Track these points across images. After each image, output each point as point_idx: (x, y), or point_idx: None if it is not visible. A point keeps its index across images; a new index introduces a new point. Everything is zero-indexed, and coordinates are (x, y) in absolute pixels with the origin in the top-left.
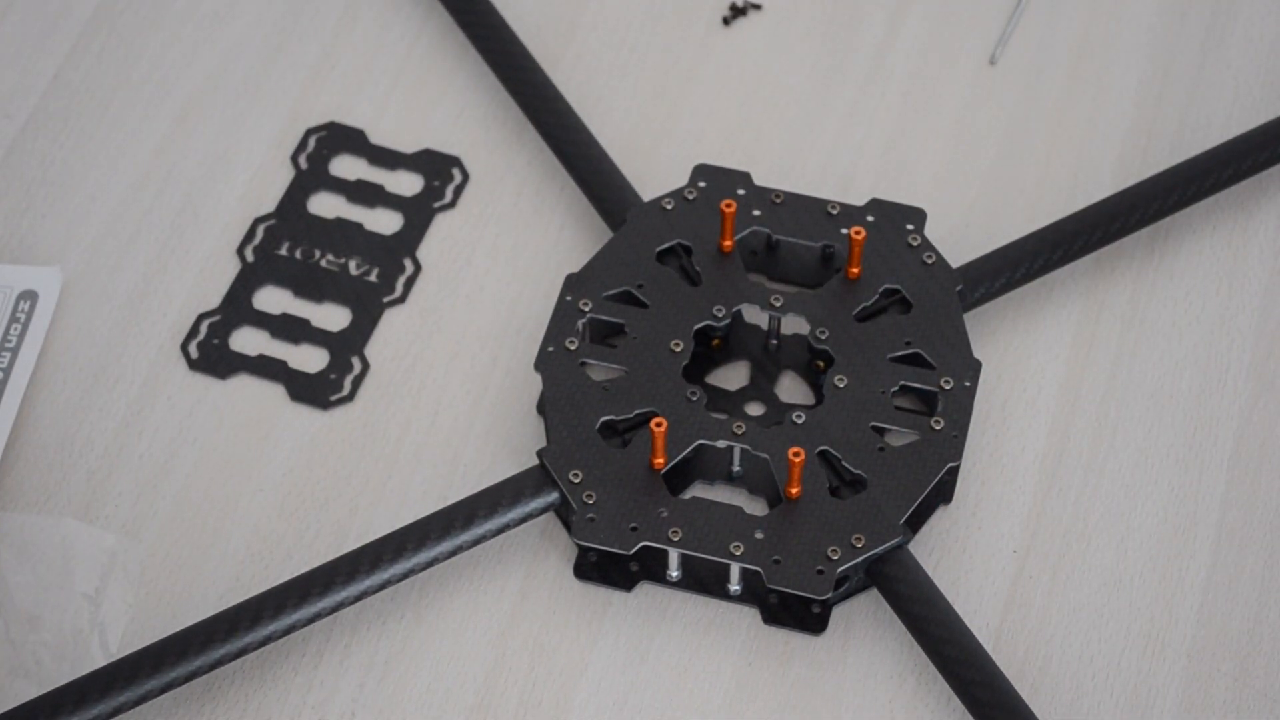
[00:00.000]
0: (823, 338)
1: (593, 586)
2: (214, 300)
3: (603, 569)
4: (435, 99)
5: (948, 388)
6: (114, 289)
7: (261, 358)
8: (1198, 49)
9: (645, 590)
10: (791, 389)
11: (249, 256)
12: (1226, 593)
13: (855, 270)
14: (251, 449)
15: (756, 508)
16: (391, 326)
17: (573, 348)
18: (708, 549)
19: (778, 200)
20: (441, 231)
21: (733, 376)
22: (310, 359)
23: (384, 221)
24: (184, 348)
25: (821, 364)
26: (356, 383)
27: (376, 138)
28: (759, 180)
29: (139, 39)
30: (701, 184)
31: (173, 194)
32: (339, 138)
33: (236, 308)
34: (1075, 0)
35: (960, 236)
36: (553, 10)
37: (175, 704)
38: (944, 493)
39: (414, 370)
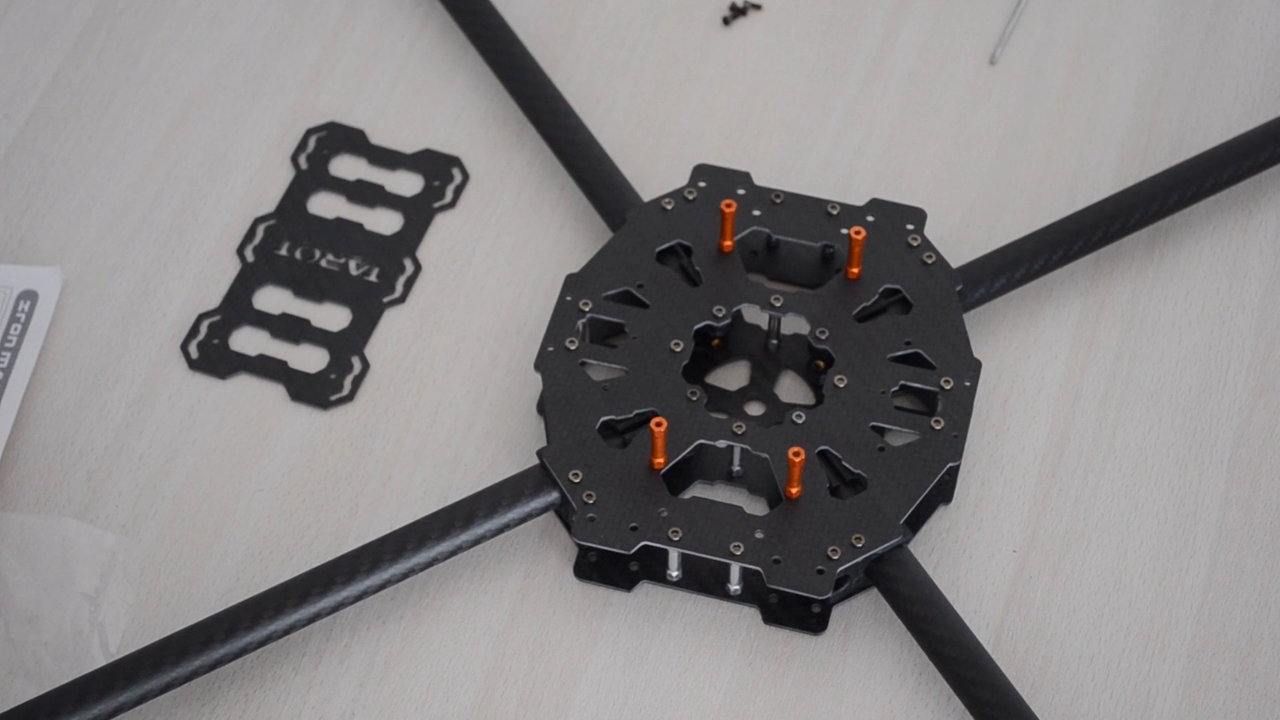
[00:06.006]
0: (823, 338)
1: (593, 586)
2: (214, 300)
3: (603, 569)
4: (435, 99)
5: (948, 388)
6: (114, 289)
7: (261, 358)
8: (1198, 49)
9: (645, 590)
10: (791, 389)
11: (249, 256)
12: (1226, 593)
13: (855, 270)
14: (251, 449)
15: (756, 508)
16: (391, 326)
17: (573, 348)
18: (708, 549)
19: (778, 200)
20: (441, 231)
21: (733, 376)
22: (310, 359)
23: (384, 221)
24: (184, 348)
25: (821, 364)
26: (356, 383)
27: (376, 138)
28: (759, 180)
29: (139, 39)
30: (701, 184)
31: (173, 194)
32: (339, 138)
33: (236, 308)
34: (1075, 0)
35: (960, 236)
36: (553, 10)
37: (175, 704)
38: (944, 493)
39: (414, 370)
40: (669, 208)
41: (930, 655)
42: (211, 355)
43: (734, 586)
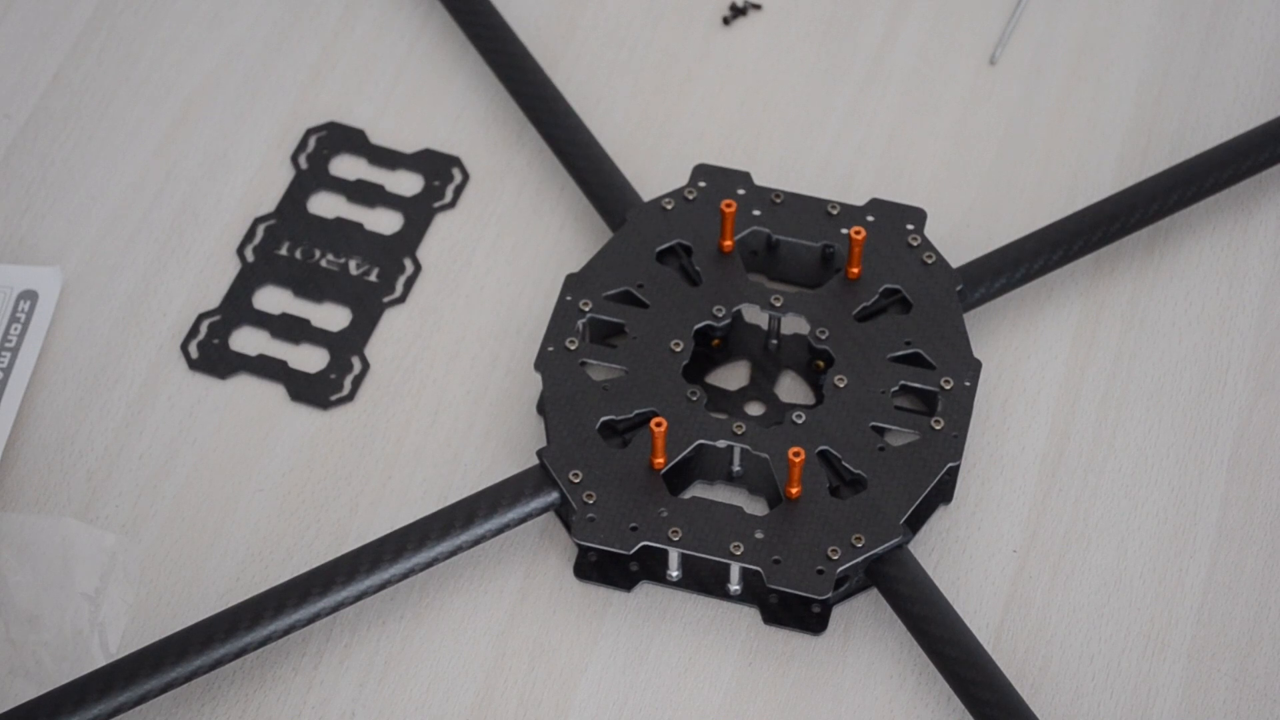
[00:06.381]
0: (823, 338)
1: (593, 586)
2: (214, 300)
3: (603, 569)
4: (435, 99)
5: (948, 388)
6: (114, 289)
7: (261, 358)
8: (1198, 49)
9: (645, 590)
10: (791, 389)
11: (249, 256)
12: (1226, 593)
13: (855, 270)
14: (251, 449)
15: (756, 508)
16: (391, 326)
17: (573, 348)
18: (708, 549)
19: (778, 200)
20: (441, 231)
21: (733, 376)
22: (310, 359)
23: (384, 221)
24: (184, 348)
25: (821, 364)
26: (356, 383)
27: (376, 138)
28: (759, 180)
29: (139, 39)
30: (701, 184)
31: (173, 194)
32: (339, 138)
33: (236, 308)
34: (1075, 0)
35: (960, 236)
36: (553, 10)
37: (175, 704)
38: (944, 493)
39: (414, 370)
40: (669, 208)
41: (930, 655)
42: (211, 355)
43: (734, 586)
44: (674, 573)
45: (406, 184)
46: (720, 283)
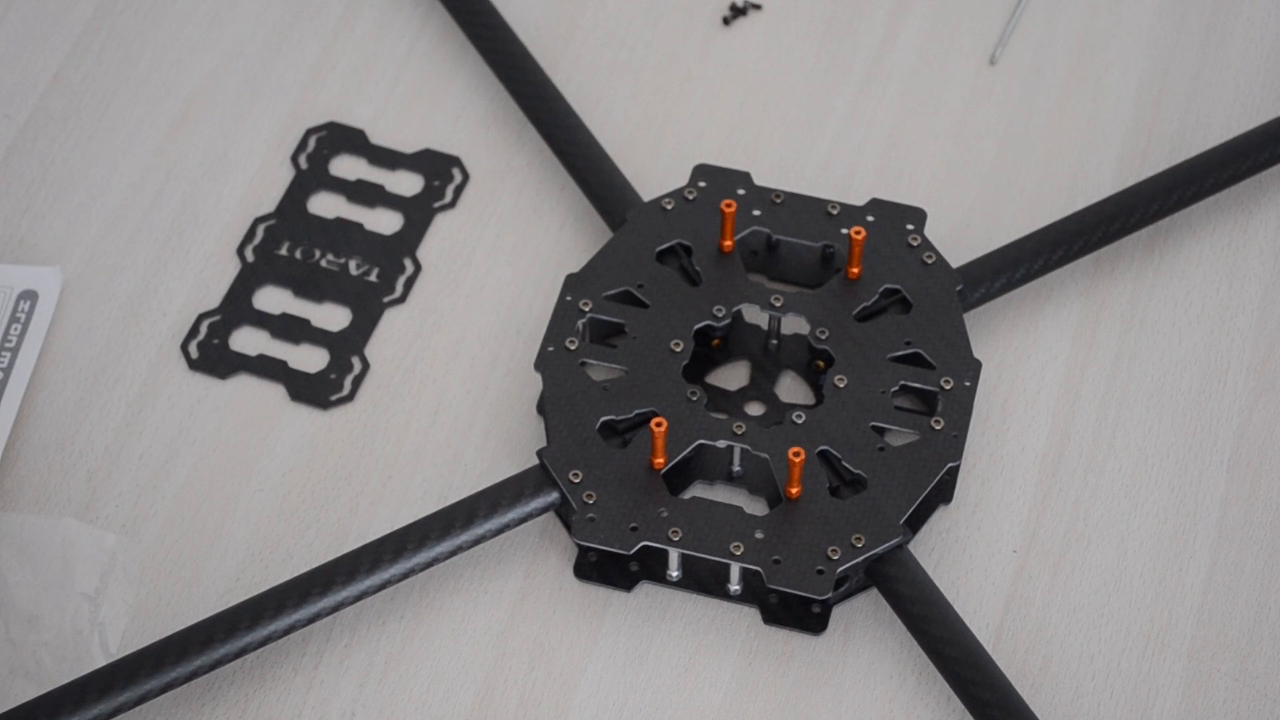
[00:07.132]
0: (823, 338)
1: (593, 586)
2: (214, 300)
3: (603, 569)
4: (435, 99)
5: (948, 388)
6: (114, 289)
7: (261, 358)
8: (1198, 49)
9: (645, 590)
10: (791, 389)
11: (249, 256)
12: (1226, 593)
13: (855, 270)
14: (251, 449)
15: (756, 508)
16: (391, 326)
17: (573, 348)
18: (708, 549)
19: (778, 200)
20: (441, 231)
21: (733, 376)
22: (310, 359)
23: (384, 221)
24: (184, 348)
25: (821, 364)
26: (356, 383)
27: (376, 138)
28: (759, 180)
29: (139, 39)
30: (701, 184)
31: (173, 194)
32: (339, 138)
33: (236, 308)
34: (1075, 0)
35: (960, 236)
36: (553, 10)
37: (175, 704)
38: (944, 493)
39: (414, 370)
40: (669, 208)
41: (930, 655)
42: (211, 355)
43: (734, 586)
44: (674, 573)
45: (406, 184)
46: (720, 283)
